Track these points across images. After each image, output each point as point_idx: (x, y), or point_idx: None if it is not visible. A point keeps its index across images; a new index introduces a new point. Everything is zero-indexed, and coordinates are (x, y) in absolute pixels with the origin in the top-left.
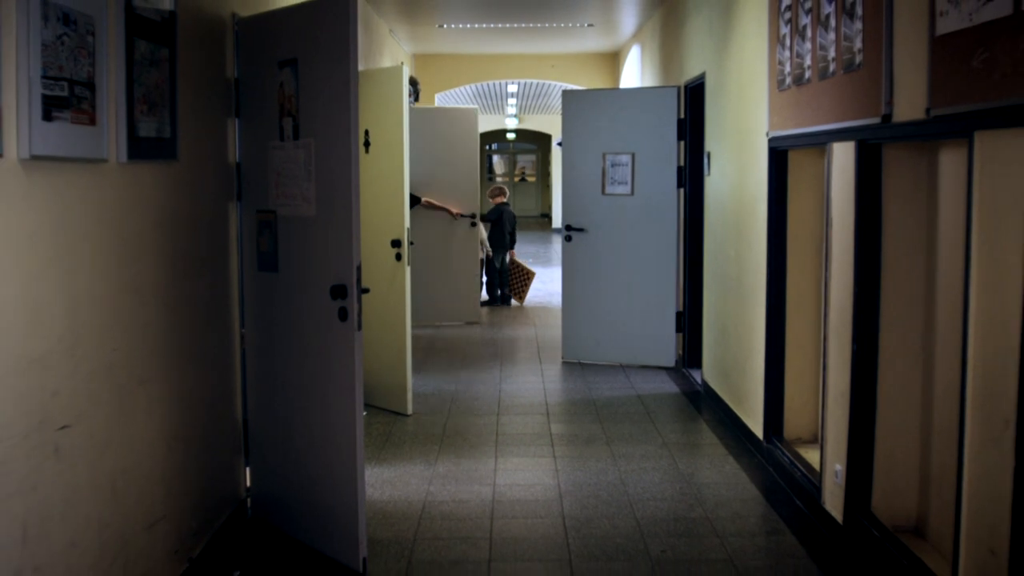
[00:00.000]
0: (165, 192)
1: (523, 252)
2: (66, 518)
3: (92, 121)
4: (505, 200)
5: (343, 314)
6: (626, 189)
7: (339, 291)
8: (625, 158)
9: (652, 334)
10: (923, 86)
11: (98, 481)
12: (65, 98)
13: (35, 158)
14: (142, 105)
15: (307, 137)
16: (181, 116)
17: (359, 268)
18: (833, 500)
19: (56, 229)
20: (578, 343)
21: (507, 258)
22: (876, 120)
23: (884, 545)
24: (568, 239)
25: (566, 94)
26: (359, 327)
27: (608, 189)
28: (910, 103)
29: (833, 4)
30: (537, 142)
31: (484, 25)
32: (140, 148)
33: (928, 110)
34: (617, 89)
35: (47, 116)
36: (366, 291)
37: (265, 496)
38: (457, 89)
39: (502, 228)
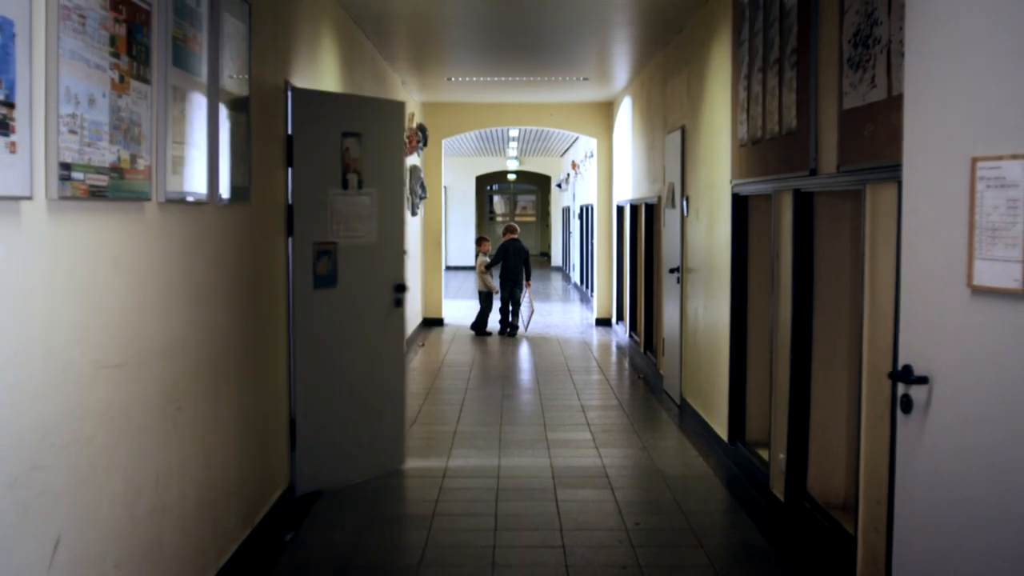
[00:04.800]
0: (242, 227)
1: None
2: (180, 476)
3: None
4: (515, 236)
5: (398, 302)
6: None
7: (399, 287)
8: None
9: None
10: (835, 148)
11: (198, 452)
12: (184, 157)
13: (169, 201)
14: (232, 160)
15: (370, 187)
16: (254, 167)
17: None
18: (777, 484)
19: (179, 254)
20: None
21: (523, 290)
22: (806, 174)
23: (815, 517)
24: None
25: None
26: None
27: None
28: (828, 161)
29: (778, 78)
30: (537, 183)
31: (489, 78)
32: (230, 193)
33: (839, 167)
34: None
35: (174, 170)
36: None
37: (307, 483)
38: (461, 133)
39: (506, 263)
